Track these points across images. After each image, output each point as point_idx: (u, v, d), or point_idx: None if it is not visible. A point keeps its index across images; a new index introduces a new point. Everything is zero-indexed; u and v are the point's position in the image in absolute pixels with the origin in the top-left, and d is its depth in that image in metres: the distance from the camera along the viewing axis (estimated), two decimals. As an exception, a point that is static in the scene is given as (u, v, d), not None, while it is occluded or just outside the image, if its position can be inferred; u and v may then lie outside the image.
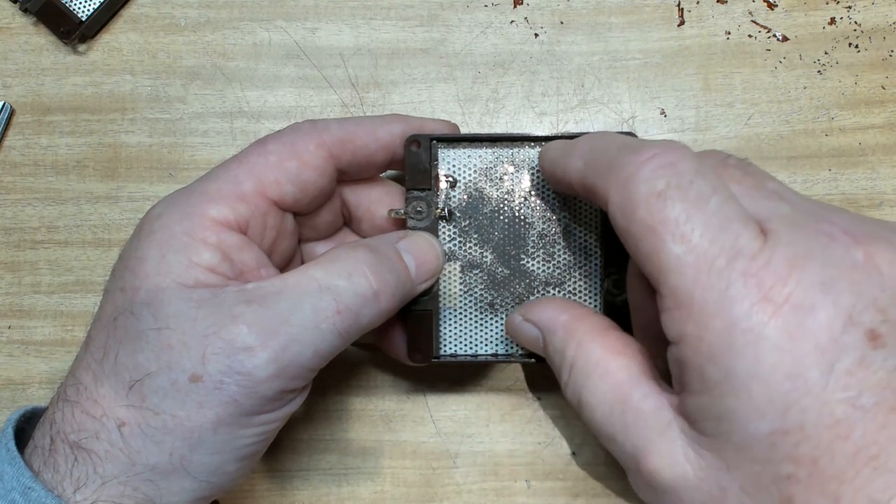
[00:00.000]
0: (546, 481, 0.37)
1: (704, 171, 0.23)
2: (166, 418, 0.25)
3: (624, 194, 0.24)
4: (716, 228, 0.22)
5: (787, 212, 0.24)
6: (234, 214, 0.28)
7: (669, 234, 0.23)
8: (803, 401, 0.21)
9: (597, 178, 0.25)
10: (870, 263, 0.22)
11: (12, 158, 0.39)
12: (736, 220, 0.23)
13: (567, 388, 0.27)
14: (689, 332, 0.22)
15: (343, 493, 0.37)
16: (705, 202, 0.23)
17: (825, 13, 0.38)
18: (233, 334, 0.25)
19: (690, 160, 0.24)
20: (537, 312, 0.29)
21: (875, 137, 0.38)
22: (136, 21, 0.39)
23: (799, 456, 0.21)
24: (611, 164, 0.25)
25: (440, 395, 0.38)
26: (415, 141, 0.31)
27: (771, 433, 0.21)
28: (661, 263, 0.23)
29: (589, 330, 0.27)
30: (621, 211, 0.24)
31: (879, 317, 0.21)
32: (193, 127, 0.39)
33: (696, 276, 0.22)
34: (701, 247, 0.22)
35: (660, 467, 0.24)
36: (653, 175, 0.23)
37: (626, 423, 0.25)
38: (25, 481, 0.24)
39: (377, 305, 0.28)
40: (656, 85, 0.38)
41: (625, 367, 0.26)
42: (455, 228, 0.32)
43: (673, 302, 0.23)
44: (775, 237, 0.22)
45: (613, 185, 0.24)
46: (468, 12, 0.39)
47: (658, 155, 0.24)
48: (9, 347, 0.38)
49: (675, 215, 0.23)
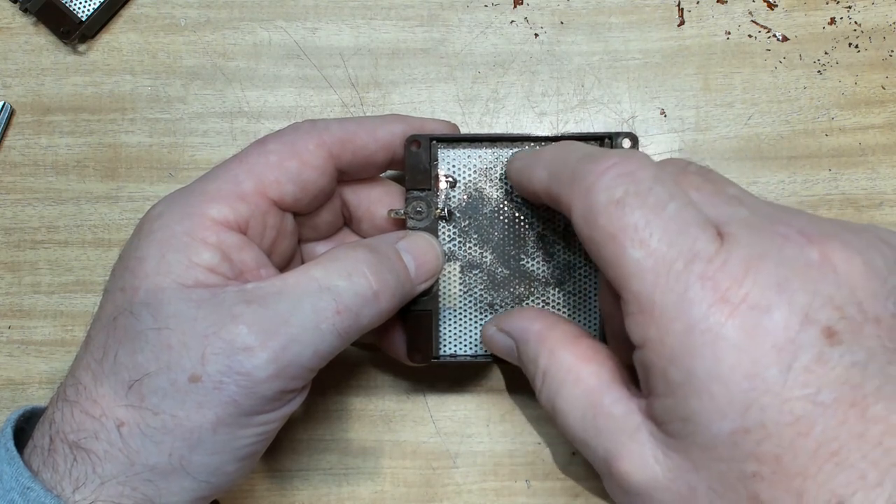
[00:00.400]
0: (546, 481, 0.37)
1: (663, 179, 0.24)
2: (165, 418, 0.25)
3: (585, 203, 0.24)
4: (673, 233, 0.23)
5: (745, 215, 0.24)
6: (234, 214, 0.28)
7: (629, 240, 0.23)
8: (763, 399, 0.21)
9: (560, 187, 0.26)
10: (825, 262, 0.22)
11: (12, 158, 0.39)
12: (693, 225, 0.23)
13: (541, 395, 0.28)
14: (652, 336, 0.23)
15: (343, 493, 0.37)
16: (663, 208, 0.23)
17: (825, 13, 0.38)
18: (232, 334, 0.25)
19: (649, 168, 0.24)
20: (510, 322, 0.30)
21: (875, 137, 0.38)
22: (136, 21, 0.39)
23: (762, 454, 0.21)
24: (573, 174, 0.25)
25: (440, 395, 0.38)
26: (415, 141, 0.31)
27: (733, 432, 0.21)
28: (623, 269, 0.23)
29: (560, 338, 0.28)
30: (584, 219, 0.24)
31: (836, 314, 0.21)
32: (193, 127, 0.39)
33: (656, 280, 0.22)
34: (659, 251, 0.23)
35: (630, 470, 0.24)
36: (612, 183, 0.24)
37: (598, 428, 0.25)
38: (24, 481, 0.24)
39: (377, 305, 0.28)
40: (656, 85, 0.38)
41: (595, 374, 0.26)
42: (455, 229, 0.32)
43: (635, 307, 0.23)
44: (732, 240, 0.23)
45: (575, 194, 0.25)
46: (468, 12, 0.39)
47: (617, 164, 0.24)
48: (9, 347, 0.38)
49: (634, 221, 0.23)
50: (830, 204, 0.38)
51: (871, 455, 0.20)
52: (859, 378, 0.21)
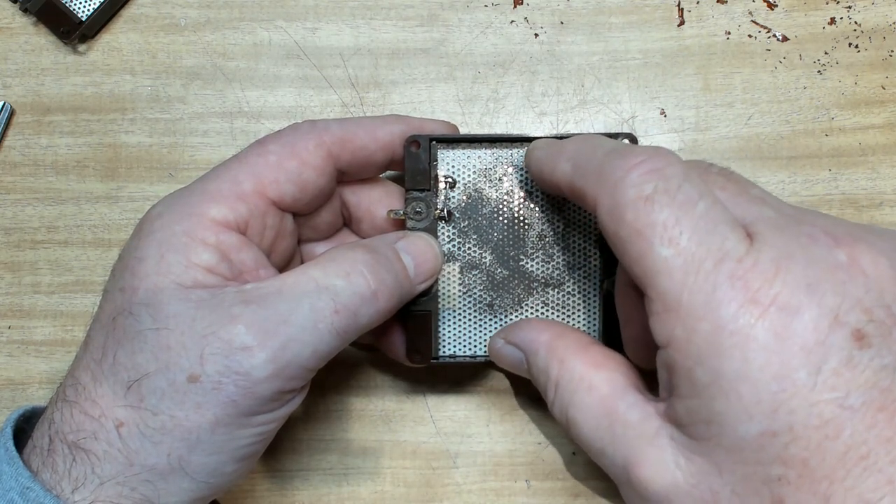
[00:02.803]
0: (546, 481, 0.37)
1: (691, 177, 0.24)
2: (164, 419, 0.25)
3: (612, 198, 0.24)
4: (703, 232, 0.22)
5: (771, 215, 0.24)
6: (233, 214, 0.28)
7: (657, 238, 0.23)
8: (791, 402, 0.21)
9: (585, 181, 0.26)
10: (853, 265, 0.22)
11: (12, 158, 0.39)
12: (723, 224, 0.23)
13: (554, 406, 0.28)
14: (678, 335, 0.22)
15: (343, 493, 0.37)
16: (693, 206, 0.23)
17: (825, 13, 0.38)
18: (231, 334, 0.25)
19: (678, 165, 0.24)
20: (518, 334, 0.30)
21: (875, 137, 0.38)
22: (136, 21, 0.39)
23: (789, 457, 0.21)
24: (599, 169, 0.25)
25: (440, 395, 0.38)
26: (414, 141, 0.31)
27: (760, 435, 0.21)
28: (650, 266, 0.23)
29: (570, 347, 0.28)
30: (610, 215, 0.24)
31: (865, 317, 0.21)
32: (193, 127, 0.39)
33: (684, 279, 0.22)
34: (689, 250, 0.22)
35: (650, 476, 0.24)
36: (641, 180, 0.24)
37: (615, 435, 0.25)
38: (24, 481, 0.24)
39: (375, 305, 0.28)
40: (656, 85, 0.38)
41: (608, 380, 0.26)
42: (454, 229, 0.32)
43: (661, 305, 0.23)
44: (761, 240, 0.22)
45: (602, 189, 0.25)
46: (468, 12, 0.39)
47: (646, 160, 0.24)
48: (9, 347, 0.38)
49: (664, 219, 0.23)
50: (830, 204, 0.38)
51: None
52: (888, 382, 0.21)
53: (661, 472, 0.23)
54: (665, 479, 0.23)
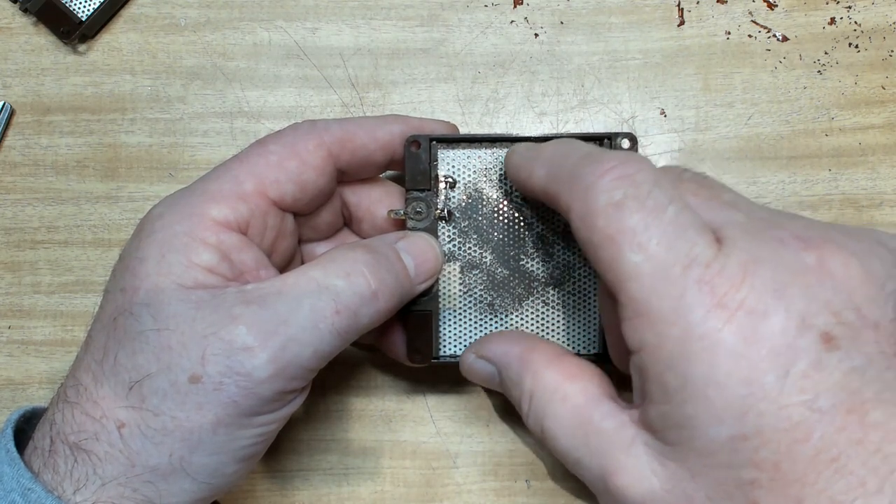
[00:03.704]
0: (546, 481, 0.37)
1: (662, 182, 0.24)
2: (166, 419, 0.25)
3: (584, 204, 0.24)
4: (672, 237, 0.22)
5: (741, 219, 0.24)
6: (234, 214, 0.28)
7: (627, 244, 0.23)
8: (760, 405, 0.21)
9: (559, 187, 0.26)
10: (821, 267, 0.22)
11: (12, 158, 0.39)
12: (691, 229, 0.23)
13: (528, 418, 0.27)
14: (648, 341, 0.23)
15: (343, 493, 0.37)
16: (662, 211, 0.23)
17: (825, 13, 0.38)
18: (232, 335, 0.25)
19: (649, 171, 0.24)
20: (489, 348, 0.30)
21: (875, 137, 0.38)
22: (136, 21, 0.39)
23: (760, 460, 0.21)
24: (572, 174, 0.25)
25: (440, 395, 0.38)
26: (414, 141, 0.31)
27: (731, 438, 0.21)
28: (620, 272, 0.23)
29: (543, 358, 0.28)
30: (582, 220, 0.24)
31: (833, 319, 0.21)
32: (193, 127, 0.39)
33: (653, 284, 0.22)
34: (658, 255, 0.22)
35: (627, 484, 0.24)
36: (611, 185, 0.24)
37: (590, 445, 0.25)
38: (25, 482, 0.24)
39: (376, 305, 0.28)
40: (656, 85, 0.38)
41: (582, 391, 0.26)
42: (454, 229, 0.32)
43: (632, 311, 0.23)
44: (730, 244, 0.22)
45: (574, 195, 0.25)
46: (468, 12, 0.39)
47: (617, 166, 0.24)
48: (9, 347, 0.38)
49: (633, 224, 0.23)
50: (830, 204, 0.38)
51: (870, 461, 0.20)
52: (857, 384, 0.21)
53: (638, 479, 0.23)
54: (642, 487, 0.23)
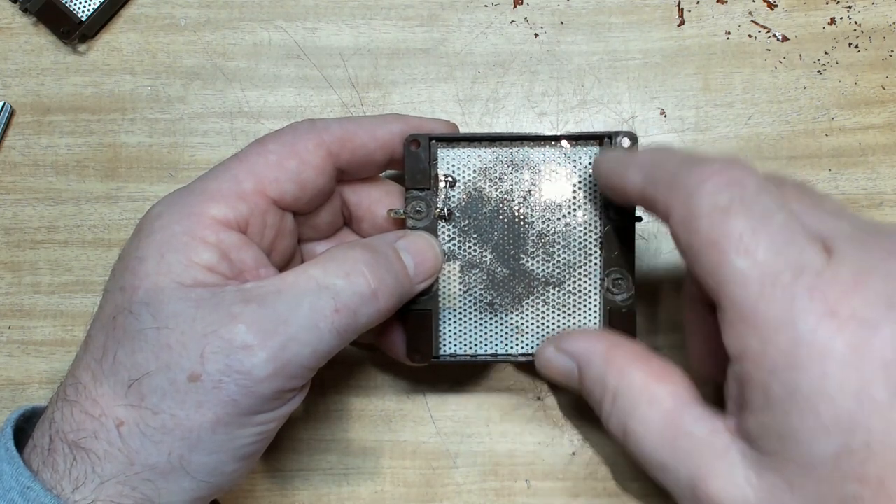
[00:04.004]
0: (546, 481, 0.37)
1: (768, 188, 0.24)
2: (165, 418, 0.25)
3: (686, 208, 0.24)
4: (781, 243, 0.22)
5: (849, 229, 0.24)
6: (233, 213, 0.28)
7: (733, 248, 0.23)
8: (869, 419, 0.20)
9: (657, 191, 0.25)
10: None
11: (12, 158, 0.39)
12: (800, 236, 0.23)
13: (610, 418, 0.27)
14: (753, 347, 0.22)
15: (343, 493, 0.37)
16: (770, 218, 0.23)
17: (825, 13, 0.38)
18: (231, 333, 0.25)
19: (754, 176, 0.24)
20: (571, 343, 0.29)
21: (875, 137, 0.38)
22: (136, 21, 0.39)
23: (865, 475, 0.21)
24: (672, 178, 0.25)
25: (440, 395, 0.38)
26: (414, 140, 0.31)
27: (836, 452, 0.21)
28: (724, 277, 0.23)
29: (629, 357, 0.27)
30: (683, 224, 0.24)
31: None
32: (193, 127, 0.39)
33: (761, 290, 0.22)
34: (766, 261, 0.22)
35: (719, 492, 0.23)
36: (716, 189, 0.23)
37: (679, 450, 0.24)
38: (24, 481, 0.24)
39: (375, 304, 0.28)
40: (656, 85, 0.38)
41: (672, 394, 0.26)
42: (454, 228, 0.32)
43: (736, 316, 0.22)
44: (839, 254, 0.22)
45: (676, 198, 0.24)
46: (468, 12, 0.39)
47: (722, 170, 0.24)
48: (9, 347, 0.38)
49: (740, 229, 0.23)
50: (830, 204, 0.38)
51: None
52: None
53: (731, 487, 0.23)
54: (734, 496, 0.23)
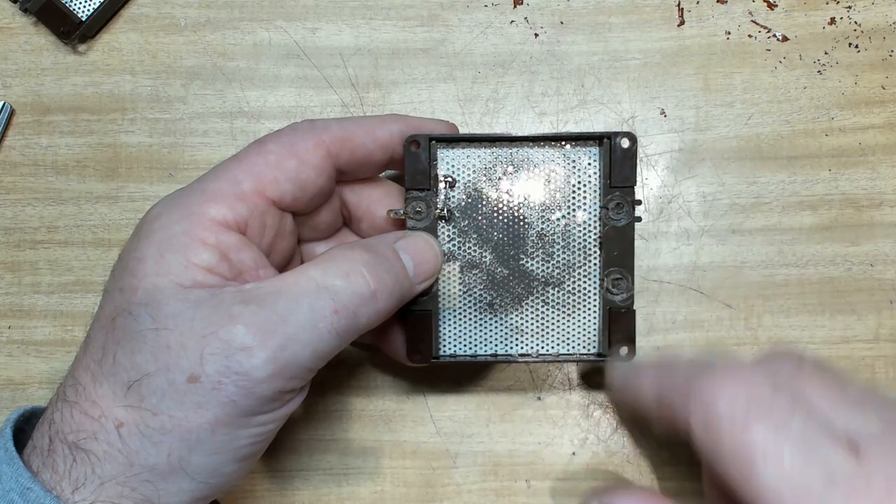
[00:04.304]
0: (546, 481, 0.37)
1: (781, 387, 0.24)
2: (164, 419, 0.25)
3: (706, 421, 0.25)
4: (805, 451, 0.23)
5: (876, 427, 0.24)
6: (233, 214, 0.28)
7: (759, 458, 0.23)
8: None
9: (672, 404, 0.26)
10: None
11: (12, 158, 0.39)
12: (824, 439, 0.23)
13: None
14: None
15: (343, 493, 0.37)
16: (788, 422, 0.23)
17: (825, 13, 0.38)
18: (231, 334, 0.25)
19: (765, 377, 0.24)
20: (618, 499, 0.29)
21: (875, 137, 0.38)
22: (136, 21, 0.39)
23: None
24: (686, 391, 0.26)
25: (440, 395, 0.38)
26: (414, 141, 0.31)
27: None
28: (755, 487, 0.23)
29: None
30: (705, 436, 0.25)
31: None
32: (193, 127, 0.39)
33: (796, 501, 0.23)
34: (793, 471, 0.23)
35: None
36: (732, 399, 0.24)
37: None
38: (24, 482, 0.24)
39: (375, 305, 0.28)
40: (656, 85, 0.38)
41: None
42: (454, 229, 0.32)
43: None
44: (869, 457, 0.23)
45: (693, 412, 0.25)
46: (468, 12, 0.39)
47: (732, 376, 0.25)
48: (9, 347, 0.38)
49: (762, 439, 0.23)
50: (830, 204, 0.38)
51: None
52: None
53: None
54: None
